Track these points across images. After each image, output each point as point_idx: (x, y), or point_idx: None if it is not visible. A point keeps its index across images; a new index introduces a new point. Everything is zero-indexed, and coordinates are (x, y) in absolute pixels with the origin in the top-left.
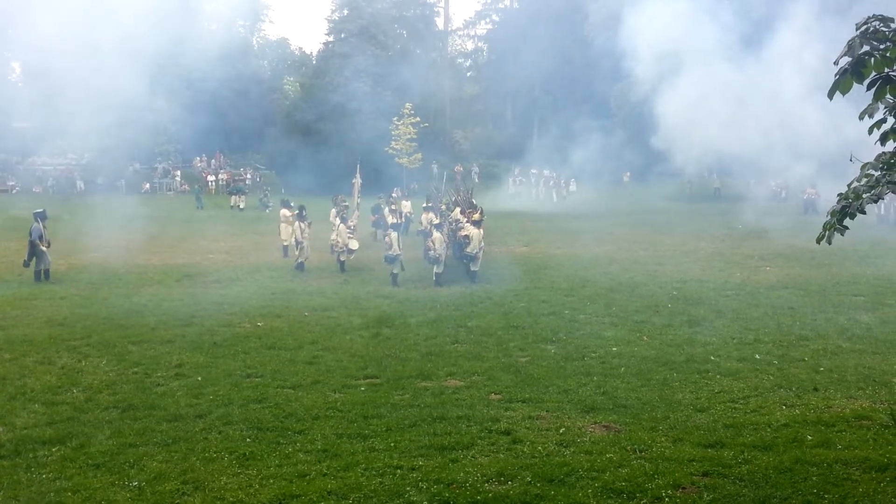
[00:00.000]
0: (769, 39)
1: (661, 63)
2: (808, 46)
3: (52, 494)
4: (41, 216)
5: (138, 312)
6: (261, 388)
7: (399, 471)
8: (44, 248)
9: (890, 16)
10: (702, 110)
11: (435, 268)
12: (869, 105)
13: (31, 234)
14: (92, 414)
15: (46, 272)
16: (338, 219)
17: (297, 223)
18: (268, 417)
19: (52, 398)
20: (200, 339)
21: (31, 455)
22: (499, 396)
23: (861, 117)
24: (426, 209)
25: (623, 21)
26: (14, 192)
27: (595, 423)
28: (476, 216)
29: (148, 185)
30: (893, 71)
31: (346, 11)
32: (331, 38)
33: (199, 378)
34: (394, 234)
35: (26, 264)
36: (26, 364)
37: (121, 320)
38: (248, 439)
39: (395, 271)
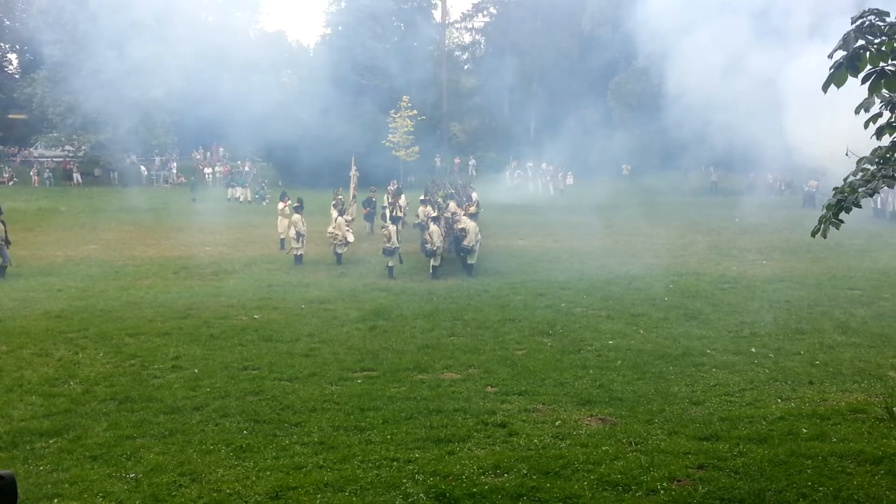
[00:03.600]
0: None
1: (668, 42)
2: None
3: (49, 486)
4: None
5: (135, 304)
6: (257, 380)
7: (395, 463)
8: (1, 244)
9: (886, 10)
10: (714, 93)
11: (432, 261)
12: (864, 99)
13: None
14: (89, 406)
15: (2, 269)
16: (335, 211)
17: (295, 216)
18: (264, 410)
19: (49, 390)
20: (197, 332)
21: (28, 447)
22: (495, 389)
23: (857, 111)
24: (423, 202)
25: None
26: (10, 183)
27: (591, 415)
28: (472, 209)
29: (145, 172)
30: (889, 65)
31: (343, 3)
32: (328, 31)
33: (196, 370)
34: (392, 227)
35: None
36: (23, 356)
37: (118, 312)
38: (244, 431)
39: (390, 264)
